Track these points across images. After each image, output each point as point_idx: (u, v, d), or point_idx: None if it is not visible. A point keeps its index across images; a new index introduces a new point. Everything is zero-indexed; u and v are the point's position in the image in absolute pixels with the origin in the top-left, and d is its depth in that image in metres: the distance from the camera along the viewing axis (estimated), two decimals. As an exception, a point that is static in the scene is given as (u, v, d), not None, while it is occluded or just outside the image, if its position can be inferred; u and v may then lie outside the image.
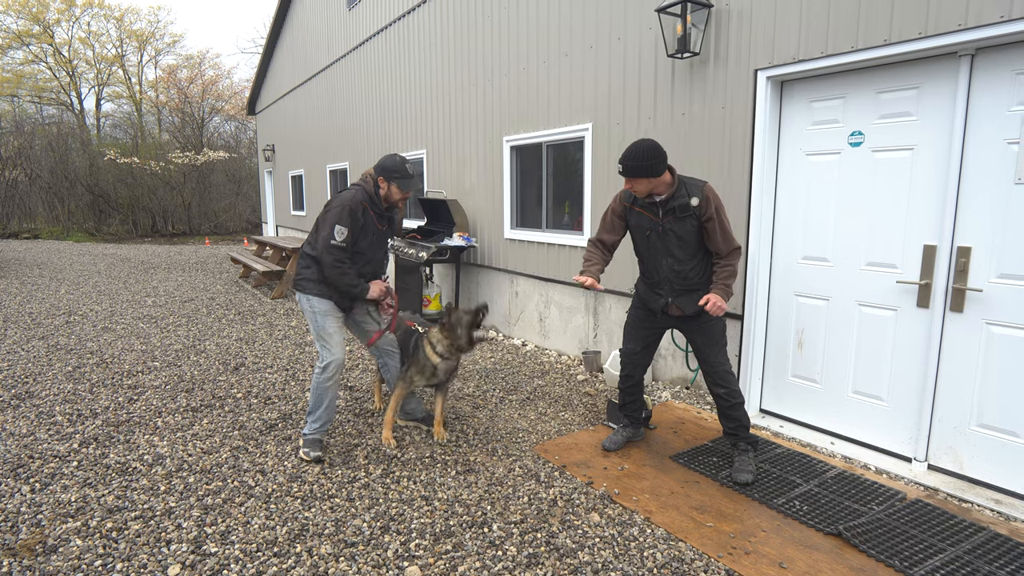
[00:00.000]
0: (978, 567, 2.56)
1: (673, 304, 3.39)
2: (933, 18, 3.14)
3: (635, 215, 3.36)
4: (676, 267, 3.31)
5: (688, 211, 3.18)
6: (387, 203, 3.60)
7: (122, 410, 4.28)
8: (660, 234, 3.29)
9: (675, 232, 3.24)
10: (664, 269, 3.35)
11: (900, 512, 3.02)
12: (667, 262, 3.32)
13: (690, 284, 3.33)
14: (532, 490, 3.20)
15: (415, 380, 3.79)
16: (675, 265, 3.31)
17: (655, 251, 3.35)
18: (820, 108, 3.82)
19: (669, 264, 3.32)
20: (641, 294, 3.57)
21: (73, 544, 2.64)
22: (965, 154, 3.19)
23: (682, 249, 3.27)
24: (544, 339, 6.34)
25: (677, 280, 3.33)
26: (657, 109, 4.72)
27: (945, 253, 3.30)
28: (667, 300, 3.39)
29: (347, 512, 2.94)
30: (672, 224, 3.23)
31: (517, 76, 6.25)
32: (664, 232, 3.27)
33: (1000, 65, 3.06)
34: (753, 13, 3.99)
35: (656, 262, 3.37)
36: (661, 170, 3.12)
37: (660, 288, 3.41)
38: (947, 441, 3.38)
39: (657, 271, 3.39)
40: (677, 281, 3.34)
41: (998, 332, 3.15)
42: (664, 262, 3.33)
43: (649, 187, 3.18)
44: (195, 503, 3.00)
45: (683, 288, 3.34)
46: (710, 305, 3.12)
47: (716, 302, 3.11)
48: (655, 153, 3.09)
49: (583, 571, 2.50)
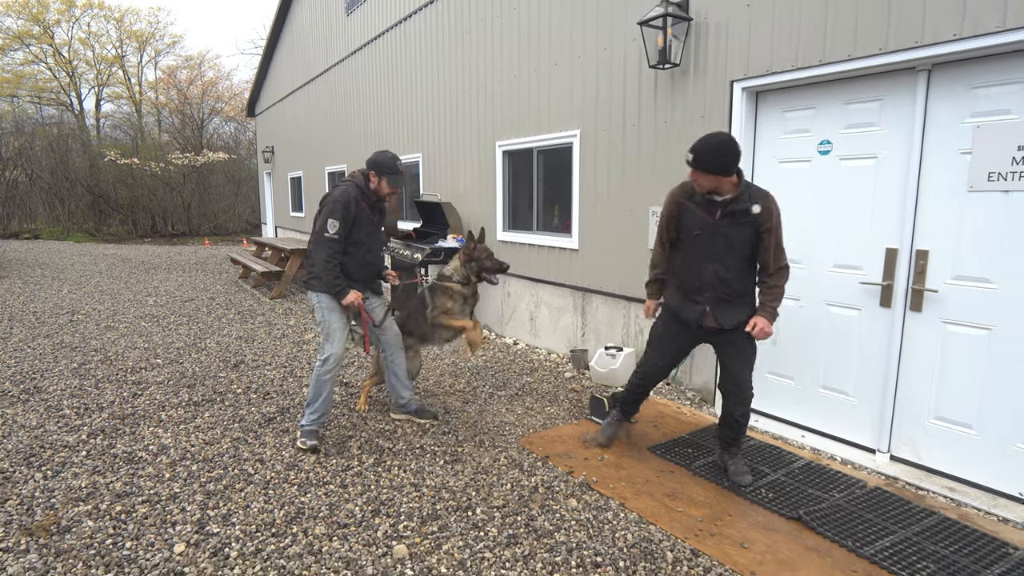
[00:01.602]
0: (924, 547, 2.77)
1: (710, 314, 3.20)
2: (893, 35, 3.34)
3: (688, 213, 3.18)
4: (722, 273, 3.13)
5: (748, 217, 3.03)
6: (377, 196, 3.82)
7: (127, 404, 4.47)
8: (710, 236, 3.11)
9: (728, 236, 3.08)
10: (707, 274, 3.16)
11: (859, 498, 3.22)
12: (711, 267, 3.14)
13: (732, 293, 3.17)
14: (515, 478, 3.39)
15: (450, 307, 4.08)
16: (721, 271, 3.13)
17: (699, 254, 3.16)
18: (792, 118, 4.03)
19: (713, 270, 3.13)
20: (674, 305, 3.33)
21: (85, 525, 2.84)
22: (923, 163, 3.40)
23: (731, 255, 3.10)
24: (534, 338, 6.54)
25: (720, 287, 3.15)
26: (641, 117, 4.92)
27: (905, 256, 3.50)
28: (704, 309, 3.21)
29: (340, 497, 3.14)
30: (727, 227, 3.07)
31: (509, 83, 6.46)
32: (715, 234, 3.10)
33: (954, 80, 3.26)
34: (729, 26, 4.20)
35: (699, 266, 3.18)
36: (733, 170, 2.97)
37: (699, 295, 3.21)
38: (907, 433, 3.59)
39: (699, 276, 3.19)
40: (720, 288, 3.15)
41: (953, 330, 3.35)
42: (708, 267, 3.15)
43: (714, 184, 3.02)
44: (198, 489, 3.20)
45: (724, 296, 3.17)
46: (757, 330, 3.01)
47: (764, 327, 3.01)
48: (731, 150, 2.93)
49: (558, 550, 2.70)
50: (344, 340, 3.73)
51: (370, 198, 3.80)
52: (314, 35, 12.75)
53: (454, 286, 4.06)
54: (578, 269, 5.78)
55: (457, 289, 4.07)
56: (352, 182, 3.76)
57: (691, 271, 3.23)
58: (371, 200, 3.81)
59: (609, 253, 5.39)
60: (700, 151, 2.95)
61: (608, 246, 5.38)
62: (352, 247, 3.76)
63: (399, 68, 8.97)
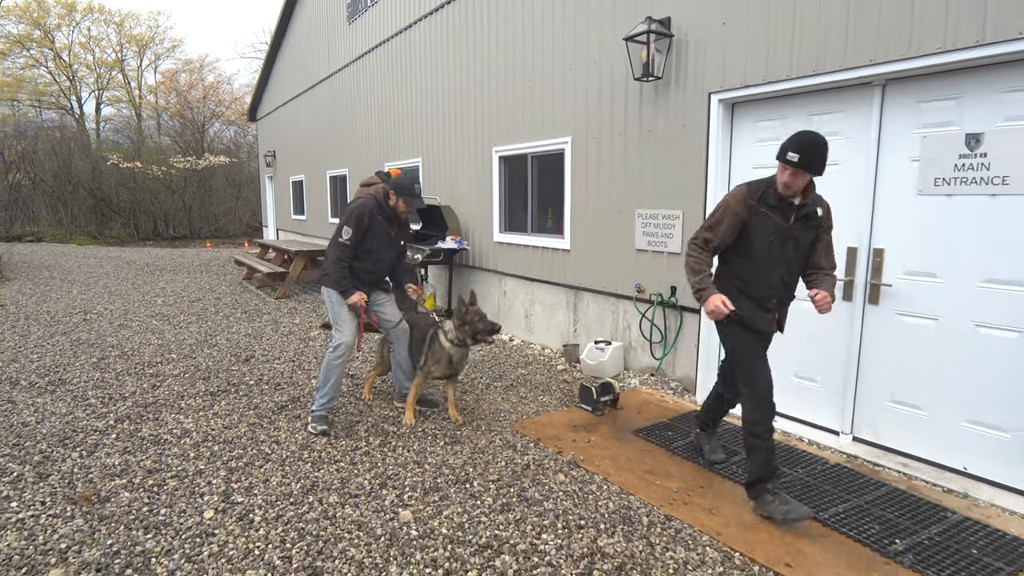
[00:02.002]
0: (873, 512, 3.11)
1: (775, 320, 3.15)
2: (851, 53, 3.69)
3: (760, 217, 3.02)
4: (786, 278, 3.10)
5: (814, 220, 3.03)
6: (394, 212, 4.17)
7: (148, 394, 4.79)
8: (782, 241, 3.01)
9: (797, 240, 3.02)
10: (775, 280, 3.08)
11: (820, 473, 3.56)
12: (780, 272, 3.07)
13: (790, 297, 3.17)
14: (509, 457, 3.73)
15: (432, 369, 4.29)
16: (786, 276, 3.09)
17: (773, 259, 3.04)
18: (764, 127, 4.37)
19: (781, 275, 3.07)
20: (748, 316, 3.10)
21: (122, 496, 3.16)
22: (879, 169, 3.75)
23: (797, 258, 3.08)
24: (529, 334, 6.87)
25: (785, 291, 3.13)
26: (627, 125, 5.27)
27: (864, 254, 3.85)
28: (773, 315, 3.14)
29: (351, 473, 3.46)
30: (799, 231, 3.01)
31: (505, 92, 6.80)
32: (787, 239, 3.01)
33: (905, 95, 3.61)
34: (707, 43, 4.54)
35: (770, 272, 3.07)
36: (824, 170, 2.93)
37: (768, 302, 3.11)
38: (867, 415, 3.93)
39: (768, 282, 3.08)
40: (784, 292, 3.13)
41: (906, 321, 3.70)
42: (777, 272, 3.06)
43: (805, 185, 2.95)
44: (221, 466, 3.53)
45: (785, 300, 3.16)
46: (820, 297, 2.95)
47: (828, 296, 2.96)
48: (828, 149, 2.88)
49: (547, 515, 3.04)
50: (354, 330, 4.07)
51: (387, 212, 4.16)
52: (316, 42, 13.09)
53: (447, 346, 4.21)
54: (570, 268, 6.12)
55: (447, 350, 4.21)
56: (372, 196, 4.13)
57: (760, 279, 3.08)
58: (388, 214, 4.17)
59: (599, 253, 5.73)
60: (806, 150, 2.81)
61: (598, 247, 5.72)
62: (364, 254, 4.13)
63: (400, 75, 9.31)
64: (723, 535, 2.91)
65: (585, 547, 2.77)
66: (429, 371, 4.29)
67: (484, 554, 2.70)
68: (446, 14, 7.84)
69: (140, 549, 2.69)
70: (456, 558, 2.66)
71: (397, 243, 4.34)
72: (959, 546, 2.81)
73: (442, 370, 4.27)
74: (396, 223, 4.27)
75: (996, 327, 3.32)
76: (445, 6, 7.84)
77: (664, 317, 5.12)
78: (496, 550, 2.72)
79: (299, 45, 14.30)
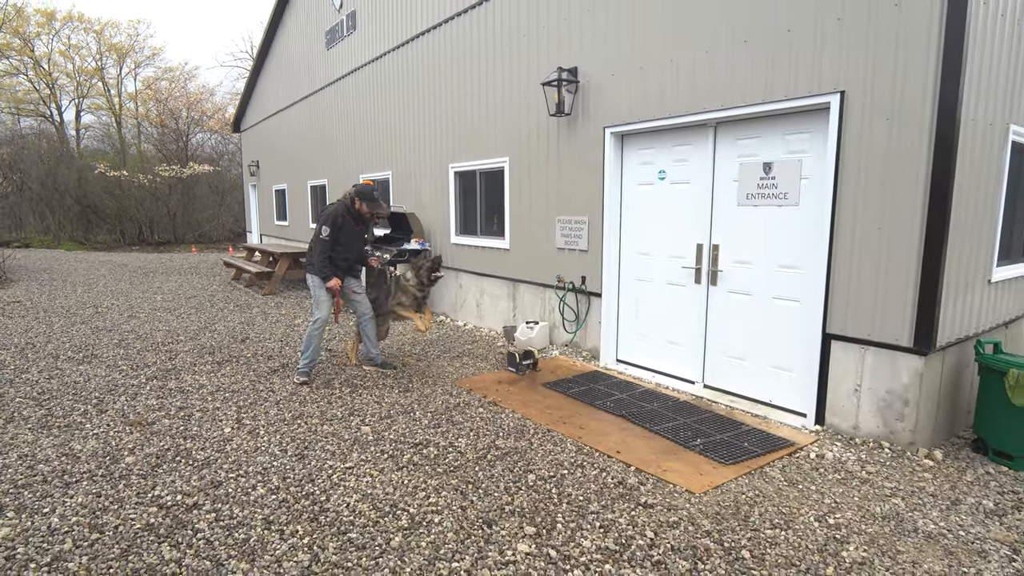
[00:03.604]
0: (691, 426, 4.50)
1: None
2: (696, 102, 5.10)
3: None
4: None
5: None
6: (359, 213, 5.50)
7: (167, 364, 6.05)
8: None
9: None
10: None
11: (669, 406, 4.95)
12: None
13: None
14: (445, 400, 5.06)
15: (402, 301, 5.75)
16: None
17: None
18: (643, 154, 5.78)
19: None
20: None
21: (163, 421, 4.44)
22: (715, 186, 5.16)
23: None
24: (480, 320, 8.22)
25: None
26: (548, 150, 6.66)
27: (707, 248, 5.26)
28: None
29: (327, 408, 4.78)
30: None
31: (460, 120, 8.16)
32: None
33: (728, 133, 5.04)
34: (603, 88, 5.95)
35: None
36: None
37: None
38: (712, 366, 5.34)
39: None
40: None
41: (733, 297, 5.11)
42: None
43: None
44: (232, 405, 4.82)
45: None
46: None
47: None
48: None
49: (464, 429, 4.37)
50: (330, 308, 5.39)
51: (353, 213, 5.49)
52: (298, 63, 14.35)
53: (409, 286, 5.72)
54: (510, 264, 7.48)
55: (410, 288, 5.73)
56: (342, 202, 5.46)
57: None
58: (355, 215, 5.51)
59: (531, 251, 7.10)
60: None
61: (530, 246, 7.10)
62: (339, 247, 5.44)
63: (373, 98, 10.64)
64: (583, 439, 4.28)
65: (486, 444, 4.11)
66: (402, 304, 5.68)
67: (417, 448, 4.03)
68: (410, 49, 9.19)
69: (184, 448, 3.99)
70: (397, 449, 3.99)
71: (362, 236, 5.69)
72: (737, 441, 4.21)
73: (409, 301, 5.68)
74: (361, 221, 5.60)
75: (784, 299, 4.74)
76: (409, 42, 9.19)
77: (576, 301, 6.50)
78: (424, 445, 4.06)
79: (281, 65, 15.53)
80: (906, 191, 3.87)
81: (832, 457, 3.94)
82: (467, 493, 3.41)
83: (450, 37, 8.22)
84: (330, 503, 3.28)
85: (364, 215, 5.58)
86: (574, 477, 3.64)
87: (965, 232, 4.00)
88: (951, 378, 4.24)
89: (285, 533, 2.98)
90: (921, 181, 3.79)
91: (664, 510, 3.25)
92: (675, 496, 3.41)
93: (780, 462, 3.90)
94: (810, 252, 4.50)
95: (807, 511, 3.24)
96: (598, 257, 6.17)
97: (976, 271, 4.23)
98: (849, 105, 4.10)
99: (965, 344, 4.30)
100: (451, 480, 3.56)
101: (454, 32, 8.12)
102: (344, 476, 3.59)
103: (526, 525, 3.08)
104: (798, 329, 4.65)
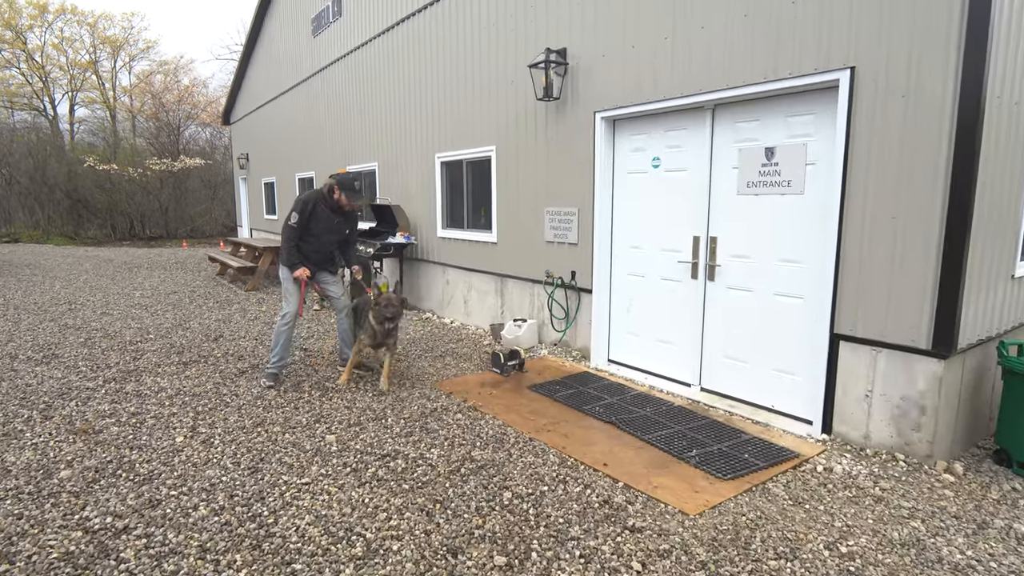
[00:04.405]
0: (687, 434, 4.13)
1: None
2: (692, 83, 4.71)
3: None
4: None
5: None
6: (338, 203, 5.13)
7: (130, 364, 5.68)
8: None
9: None
10: None
11: (662, 412, 4.58)
12: None
13: None
14: (422, 404, 4.70)
15: (363, 339, 5.14)
16: None
17: None
18: (636, 140, 5.40)
19: None
20: None
21: (112, 429, 4.08)
22: (712, 174, 4.78)
23: None
24: (467, 317, 7.85)
25: None
26: (536, 137, 6.27)
27: (704, 241, 4.88)
28: None
29: (292, 414, 4.41)
30: None
31: (446, 107, 7.77)
32: None
33: (727, 117, 4.65)
34: (593, 70, 5.55)
35: None
36: None
37: None
38: (710, 368, 4.97)
39: None
40: None
41: (732, 293, 4.74)
42: None
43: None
44: (190, 411, 4.45)
45: None
46: None
47: None
48: None
49: (438, 438, 4.01)
50: (298, 302, 5.02)
51: (331, 203, 5.12)
52: (285, 52, 13.94)
53: (373, 322, 4.98)
54: (498, 259, 7.10)
55: (373, 326, 4.98)
56: (319, 189, 5.09)
57: None
58: (332, 204, 5.13)
59: (519, 245, 6.73)
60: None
61: (518, 239, 6.72)
62: (309, 237, 5.08)
63: (359, 86, 10.24)
64: (566, 449, 3.91)
65: (460, 456, 3.75)
66: (362, 340, 5.22)
67: (383, 460, 3.67)
68: (396, 34, 8.79)
69: (127, 459, 3.62)
70: (362, 461, 3.63)
71: (341, 230, 5.29)
72: (736, 452, 3.85)
73: (370, 340, 5.19)
74: (340, 213, 5.21)
75: (787, 295, 4.37)
76: (395, 26, 8.79)
77: (566, 297, 6.13)
78: (392, 457, 3.70)
79: (270, 54, 15.12)
80: (924, 176, 3.49)
81: (841, 471, 3.57)
82: (433, 514, 3.05)
83: (436, 20, 7.81)
84: (278, 526, 2.92)
85: (343, 206, 5.20)
86: (555, 495, 3.28)
87: (989, 222, 3.62)
88: (971, 383, 3.87)
89: (221, 564, 2.62)
90: (941, 165, 3.42)
91: (654, 535, 2.89)
92: (667, 518, 3.05)
93: (784, 476, 3.53)
94: (816, 244, 4.12)
95: (816, 536, 2.88)
96: (588, 251, 5.79)
97: (1000, 265, 3.86)
98: (860, 82, 3.72)
99: (987, 345, 3.93)
100: (417, 498, 3.20)
101: (440, 14, 7.72)
102: (298, 494, 3.23)
103: (496, 554, 2.71)
104: (803, 328, 4.28)
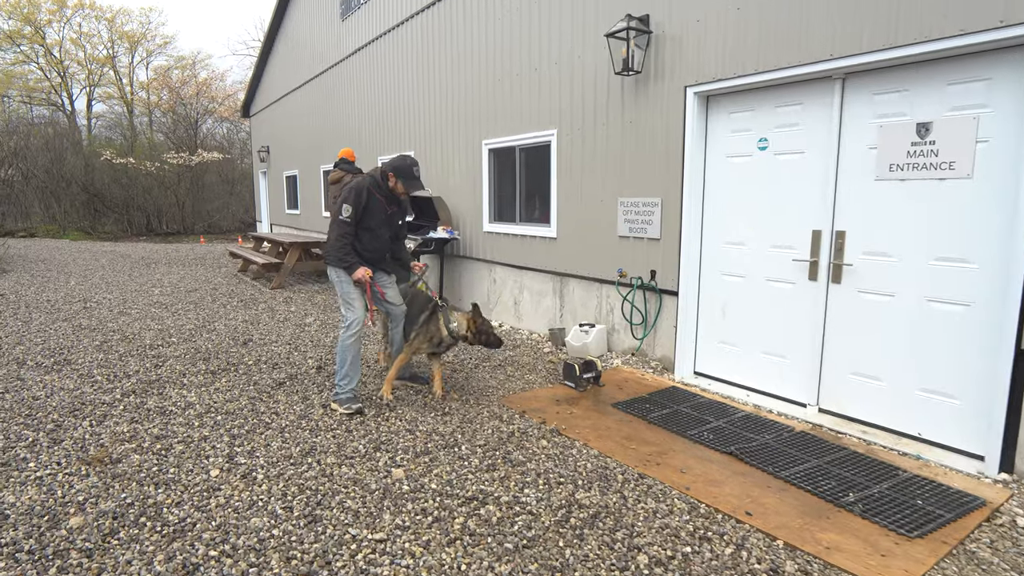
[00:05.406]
0: (830, 471, 3.37)
1: None
2: (815, 48, 3.94)
3: None
4: None
5: None
6: (392, 193, 4.34)
7: (151, 373, 5.00)
8: None
9: None
10: None
11: (785, 439, 3.82)
12: None
13: None
14: (495, 426, 3.97)
15: (422, 346, 4.48)
16: None
17: None
18: (736, 118, 4.63)
19: None
20: None
21: (133, 457, 3.38)
22: (840, 157, 4.01)
23: None
24: (518, 320, 7.11)
25: None
26: (609, 118, 5.52)
27: (827, 236, 4.11)
28: None
29: (346, 439, 3.70)
30: None
31: (494, 86, 7.03)
32: None
33: (862, 88, 3.88)
34: (683, 39, 4.79)
35: None
36: None
37: None
38: (831, 387, 4.20)
39: None
40: None
41: (865, 298, 3.96)
42: None
43: None
44: (224, 433, 3.75)
45: None
46: None
47: None
48: None
49: (529, 474, 3.28)
50: (364, 306, 4.25)
51: (384, 190, 4.29)
52: (309, 40, 13.27)
53: (443, 332, 4.40)
54: (557, 256, 6.36)
55: (443, 335, 4.40)
56: (369, 175, 4.29)
57: None
58: (385, 192, 4.30)
59: (583, 240, 5.98)
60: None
61: (582, 234, 5.97)
62: (363, 232, 4.25)
63: (392, 71, 9.53)
64: (691, 490, 3.17)
65: (563, 499, 3.01)
66: (418, 347, 4.50)
67: (470, 504, 2.94)
68: (436, 11, 8.06)
69: (152, 501, 2.92)
70: (444, 507, 2.90)
71: (394, 222, 4.46)
72: (905, 498, 3.08)
73: (430, 348, 4.48)
74: (395, 203, 4.39)
75: (945, 301, 3.59)
76: (435, 4, 8.06)
77: (644, 300, 5.37)
78: (481, 501, 2.97)
79: (292, 42, 14.47)
80: None
81: (1056, 527, 2.80)
82: (555, 588, 2.32)
83: (485, -8, 7.08)
84: (354, 606, 2.20)
85: (399, 196, 4.40)
86: (702, 559, 2.53)
87: None
88: None
89: (286, 671, 1.90)
90: None
91: (861, 628, 2.14)
92: (864, 598, 2.30)
93: (982, 533, 2.77)
94: (990, 240, 3.35)
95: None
96: (674, 247, 5.03)
97: None
98: (1073, 34, 2.94)
99: None
100: (529, 564, 2.47)
101: (490, -14, 6.98)
102: (374, 556, 2.51)
103: (660, 658, 1.98)
104: (967, 342, 3.50)
